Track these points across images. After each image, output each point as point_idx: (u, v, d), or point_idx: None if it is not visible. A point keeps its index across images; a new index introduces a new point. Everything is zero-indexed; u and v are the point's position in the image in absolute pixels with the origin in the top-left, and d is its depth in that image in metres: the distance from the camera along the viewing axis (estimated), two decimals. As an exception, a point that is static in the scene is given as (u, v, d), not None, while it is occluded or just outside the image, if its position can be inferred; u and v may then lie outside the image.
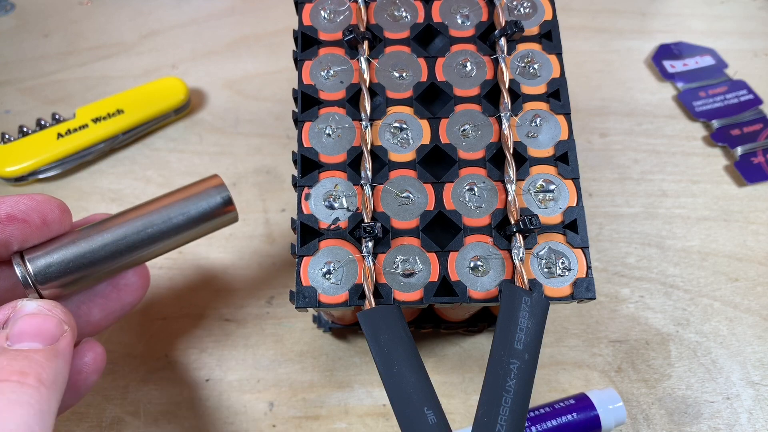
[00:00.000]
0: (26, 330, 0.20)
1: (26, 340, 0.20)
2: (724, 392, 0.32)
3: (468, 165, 0.25)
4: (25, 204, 0.22)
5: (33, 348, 0.20)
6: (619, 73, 0.44)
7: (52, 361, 0.20)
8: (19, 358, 0.19)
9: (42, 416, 0.18)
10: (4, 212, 0.22)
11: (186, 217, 0.24)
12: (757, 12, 0.48)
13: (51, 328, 0.21)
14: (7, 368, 0.19)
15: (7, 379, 0.19)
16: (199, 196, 0.25)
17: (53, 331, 0.21)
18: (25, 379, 0.19)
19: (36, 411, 0.18)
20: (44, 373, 0.19)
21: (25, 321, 0.21)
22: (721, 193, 0.39)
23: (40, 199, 0.23)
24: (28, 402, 0.18)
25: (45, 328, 0.21)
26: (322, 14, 0.27)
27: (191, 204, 0.25)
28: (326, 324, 0.33)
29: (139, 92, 0.41)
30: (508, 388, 0.21)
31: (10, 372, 0.19)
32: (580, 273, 0.24)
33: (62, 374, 0.20)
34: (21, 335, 0.20)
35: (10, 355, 0.19)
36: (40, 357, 0.20)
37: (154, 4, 0.48)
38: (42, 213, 0.22)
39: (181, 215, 0.24)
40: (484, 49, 0.27)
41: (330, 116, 0.25)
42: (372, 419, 0.31)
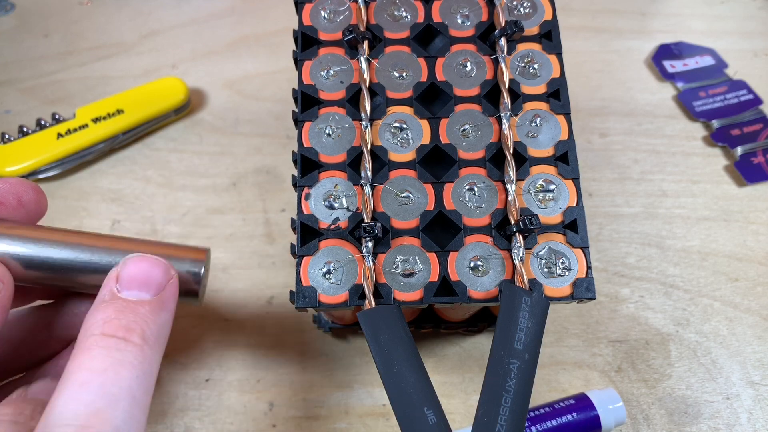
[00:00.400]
0: (135, 275, 0.20)
1: (135, 288, 0.20)
2: (724, 392, 0.32)
3: (468, 165, 0.25)
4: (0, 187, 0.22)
5: (141, 299, 0.20)
6: (619, 73, 0.44)
7: (157, 315, 0.20)
8: (127, 311, 0.19)
9: (144, 378, 0.19)
10: None
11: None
12: (757, 12, 0.48)
13: (159, 276, 0.21)
14: (114, 322, 0.19)
15: (114, 335, 0.19)
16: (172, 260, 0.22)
17: (160, 279, 0.21)
18: (131, 337, 0.19)
19: (138, 373, 0.18)
20: (149, 329, 0.19)
21: (135, 264, 0.21)
22: (721, 193, 0.39)
23: (13, 181, 0.23)
24: (131, 363, 0.18)
25: (154, 275, 0.21)
26: (322, 14, 0.27)
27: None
28: (326, 324, 0.33)
29: (139, 92, 0.41)
30: (508, 388, 0.21)
31: (117, 327, 0.19)
32: (580, 273, 0.24)
33: (166, 328, 0.21)
34: (131, 281, 0.20)
35: (118, 306, 0.20)
36: (146, 311, 0.20)
37: (154, 4, 0.48)
38: (17, 194, 0.22)
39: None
40: (484, 49, 0.27)
41: (330, 116, 0.25)
42: (372, 419, 0.31)
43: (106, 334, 0.19)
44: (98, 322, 0.19)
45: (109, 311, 0.19)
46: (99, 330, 0.19)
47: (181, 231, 0.37)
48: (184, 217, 0.37)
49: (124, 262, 0.21)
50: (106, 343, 0.19)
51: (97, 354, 0.18)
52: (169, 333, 0.21)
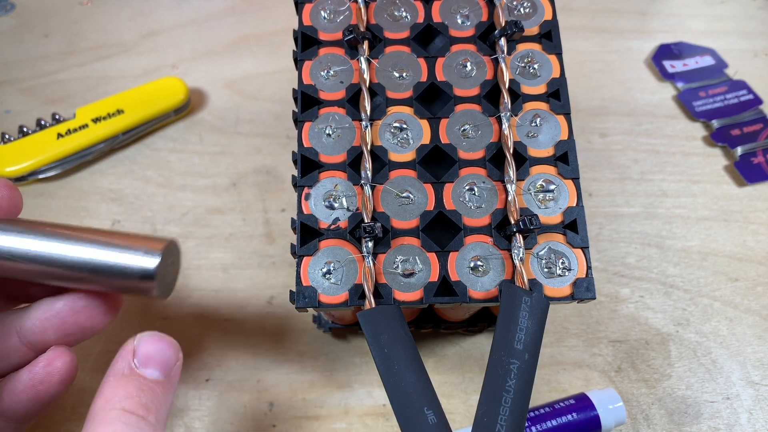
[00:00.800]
0: (152, 355, 0.21)
1: (152, 366, 0.21)
2: (724, 392, 0.32)
3: (468, 165, 0.25)
4: None
5: (156, 379, 0.21)
6: (619, 73, 0.44)
7: (168, 395, 0.21)
8: (146, 390, 0.20)
9: None
10: None
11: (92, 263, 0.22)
12: (757, 12, 0.48)
13: (171, 358, 0.22)
14: (135, 399, 0.20)
15: (135, 412, 0.20)
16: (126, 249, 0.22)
17: (172, 360, 0.22)
18: (148, 416, 0.20)
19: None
20: (161, 410, 0.21)
21: (151, 343, 0.21)
22: (721, 193, 0.39)
23: None
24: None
25: (166, 357, 0.22)
26: (322, 14, 0.27)
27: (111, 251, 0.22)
28: (326, 324, 0.33)
29: (139, 92, 0.41)
30: (508, 388, 0.21)
31: (138, 404, 0.20)
32: (580, 273, 0.24)
33: (170, 407, 0.22)
34: (148, 360, 0.21)
35: (138, 384, 0.21)
36: (160, 391, 0.21)
37: (154, 4, 0.48)
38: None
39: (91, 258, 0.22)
40: (484, 49, 0.27)
41: (330, 116, 0.25)
42: (372, 419, 0.31)
43: (127, 410, 0.20)
44: (119, 397, 0.20)
45: (130, 388, 0.20)
46: (120, 405, 0.20)
47: (181, 231, 0.37)
48: (184, 217, 0.37)
49: (140, 338, 0.22)
50: (128, 420, 0.19)
51: (120, 428, 0.19)
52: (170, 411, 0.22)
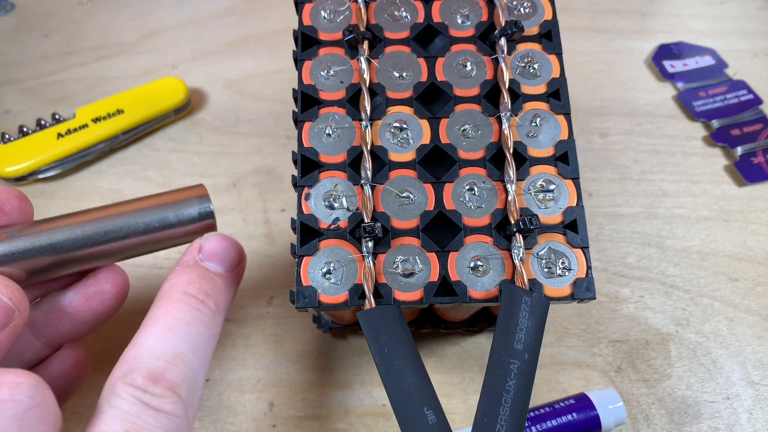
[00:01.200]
0: (216, 251, 0.23)
1: (215, 261, 0.23)
2: (724, 392, 0.32)
3: (468, 165, 0.25)
4: None
5: (218, 271, 0.23)
6: (619, 73, 0.44)
7: (228, 288, 0.23)
8: (207, 279, 0.22)
9: (213, 339, 0.21)
10: None
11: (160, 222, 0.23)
12: (757, 12, 0.48)
13: (234, 256, 0.23)
14: (196, 285, 0.22)
15: (196, 296, 0.21)
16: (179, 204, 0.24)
17: (235, 259, 0.23)
18: (208, 301, 0.22)
19: (211, 333, 0.21)
20: (221, 299, 0.22)
21: (216, 241, 0.23)
22: (721, 193, 0.39)
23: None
24: (207, 323, 0.21)
25: (229, 255, 0.23)
26: (322, 14, 0.27)
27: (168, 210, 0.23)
28: (326, 324, 0.33)
29: (139, 92, 0.41)
30: (508, 388, 0.21)
31: (198, 290, 0.22)
32: (580, 273, 0.24)
33: (231, 302, 0.23)
34: (212, 254, 0.23)
35: (200, 273, 0.22)
36: (221, 282, 0.23)
37: (154, 4, 0.48)
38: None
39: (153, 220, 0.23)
40: (484, 49, 0.27)
41: (330, 116, 0.25)
42: (372, 419, 0.31)
43: (189, 293, 0.21)
44: (182, 282, 0.22)
45: (192, 275, 0.22)
46: (183, 289, 0.21)
47: (181, 231, 0.37)
48: (184, 217, 0.37)
49: (207, 237, 0.23)
50: (189, 301, 0.21)
51: (182, 307, 0.21)
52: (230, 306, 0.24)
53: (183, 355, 0.20)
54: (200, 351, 0.21)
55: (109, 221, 0.23)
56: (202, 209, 0.24)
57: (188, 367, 0.20)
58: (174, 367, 0.19)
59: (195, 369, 0.20)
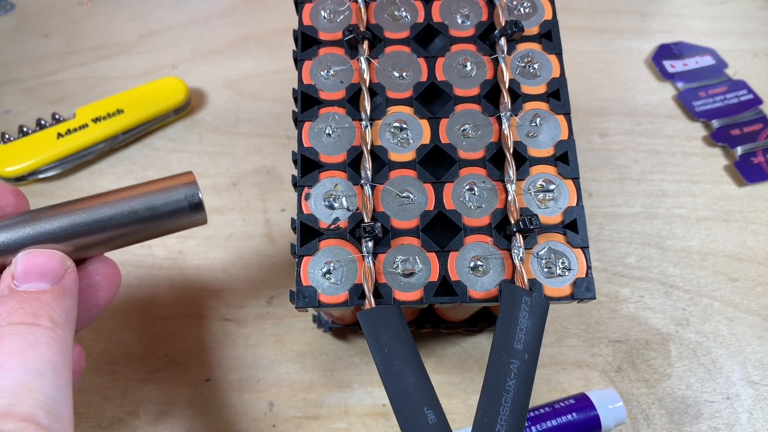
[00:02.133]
0: (31, 269, 0.20)
1: (33, 281, 0.20)
2: (724, 392, 0.32)
3: (468, 165, 0.25)
4: None
5: (41, 289, 0.20)
6: (619, 73, 0.44)
7: (61, 300, 0.20)
8: (30, 300, 0.20)
9: (63, 355, 0.19)
10: None
11: (148, 210, 0.23)
12: (757, 12, 0.48)
13: (55, 265, 0.21)
14: (19, 311, 0.19)
15: (22, 322, 0.19)
16: (166, 191, 0.23)
17: (57, 269, 0.21)
18: (40, 321, 0.19)
19: (56, 350, 0.19)
20: (55, 313, 0.20)
21: (28, 259, 0.20)
22: (721, 193, 0.39)
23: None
24: (47, 342, 0.19)
25: (50, 266, 0.21)
26: (322, 14, 0.27)
27: (154, 198, 0.23)
28: (326, 324, 0.33)
29: (139, 92, 0.41)
30: (508, 388, 0.21)
31: (24, 315, 0.19)
32: (580, 273, 0.24)
33: (72, 312, 0.21)
34: (27, 275, 0.20)
35: (20, 298, 0.20)
36: (49, 298, 0.20)
37: (154, 4, 0.48)
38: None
39: (140, 208, 0.23)
40: (484, 49, 0.27)
41: (330, 116, 0.25)
42: (372, 419, 0.31)
43: (13, 323, 0.19)
44: (2, 315, 0.19)
45: (11, 303, 0.19)
46: (5, 321, 0.19)
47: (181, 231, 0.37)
48: (184, 217, 0.37)
49: (15, 260, 0.21)
50: (17, 330, 0.19)
51: (10, 341, 0.18)
52: (76, 318, 0.21)
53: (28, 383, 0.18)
54: (49, 372, 0.18)
55: (94, 210, 0.22)
56: (189, 196, 0.23)
57: (40, 393, 0.18)
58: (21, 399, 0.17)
59: (49, 391, 0.18)
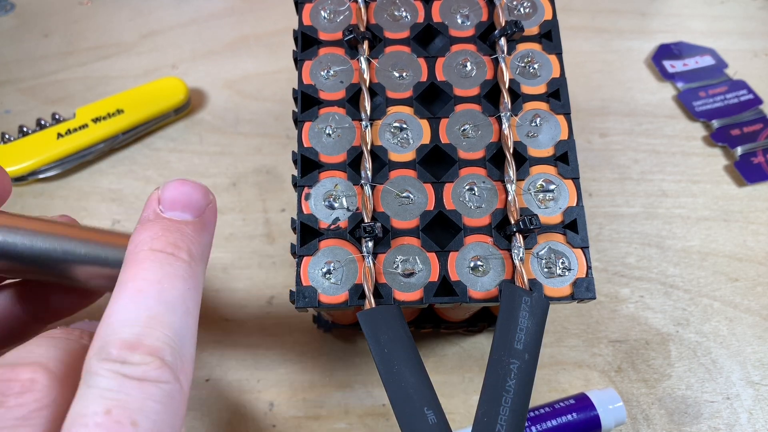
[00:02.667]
0: (177, 198, 0.21)
1: (178, 209, 0.21)
2: (724, 392, 0.32)
3: (468, 165, 0.25)
4: None
5: (184, 219, 0.20)
6: (619, 73, 0.44)
7: (200, 234, 0.20)
8: (172, 230, 0.20)
9: (194, 291, 0.19)
10: None
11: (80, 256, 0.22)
12: (757, 12, 0.48)
13: (199, 198, 0.21)
14: (162, 239, 0.19)
15: (163, 250, 0.19)
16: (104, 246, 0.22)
17: (201, 202, 0.21)
18: (179, 253, 0.19)
19: (190, 286, 0.19)
20: (194, 247, 0.20)
21: (176, 187, 0.21)
22: (721, 193, 0.39)
23: None
24: (182, 276, 0.19)
25: (194, 198, 0.21)
26: (322, 14, 0.27)
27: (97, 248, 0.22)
28: (326, 324, 0.33)
29: (139, 92, 0.41)
30: (508, 388, 0.21)
31: (166, 243, 0.19)
32: (580, 273, 0.24)
33: (208, 248, 0.21)
34: (173, 203, 0.21)
35: (164, 225, 0.20)
36: (190, 230, 0.20)
37: (154, 4, 0.48)
38: None
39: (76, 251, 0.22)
40: (484, 49, 0.27)
41: (330, 116, 0.25)
42: (372, 419, 0.31)
43: (155, 249, 0.19)
44: (146, 239, 0.19)
45: (155, 229, 0.20)
46: (148, 246, 0.19)
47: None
48: (184, 217, 0.37)
49: (164, 185, 0.21)
50: (157, 257, 0.19)
51: (150, 266, 0.19)
52: (210, 254, 0.21)
53: (160, 315, 0.18)
54: (180, 307, 0.19)
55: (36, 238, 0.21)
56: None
57: (169, 328, 0.18)
58: (151, 331, 0.17)
59: (178, 328, 0.18)
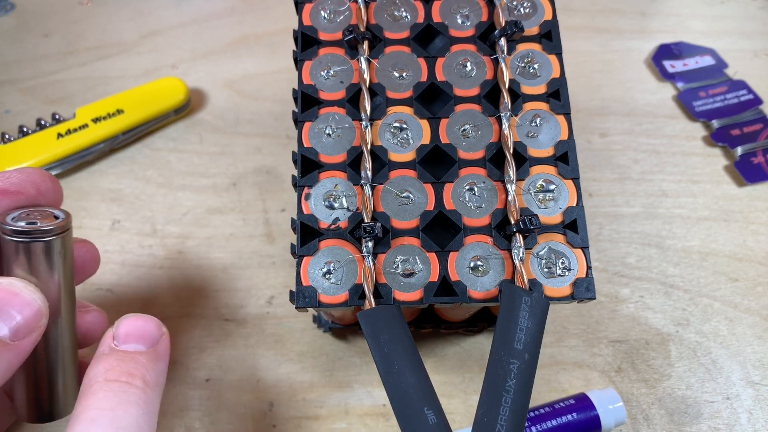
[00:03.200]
0: (131, 331, 0.22)
1: (131, 342, 0.22)
2: (724, 392, 0.32)
3: (468, 165, 0.25)
4: (17, 177, 0.23)
5: (138, 350, 0.22)
6: (619, 73, 0.44)
7: (154, 363, 0.22)
8: (127, 360, 0.21)
9: (149, 416, 0.20)
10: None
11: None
12: (757, 12, 0.48)
13: (153, 331, 0.22)
14: (116, 369, 0.21)
15: (117, 380, 0.20)
16: None
17: (154, 333, 0.22)
18: (133, 381, 0.20)
19: (144, 411, 0.20)
20: (148, 375, 0.21)
21: (130, 322, 0.22)
22: (721, 193, 0.39)
23: (29, 171, 0.23)
24: (136, 402, 0.20)
25: (148, 331, 0.22)
26: (322, 14, 0.27)
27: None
28: (326, 324, 0.33)
29: (139, 92, 0.41)
30: (508, 388, 0.21)
31: (120, 373, 0.20)
32: (580, 273, 0.24)
33: (162, 376, 0.22)
34: (127, 336, 0.22)
35: (118, 356, 0.21)
36: (144, 359, 0.21)
37: (154, 4, 0.48)
38: (35, 183, 0.23)
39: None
40: (484, 49, 0.27)
41: (330, 116, 0.25)
42: (372, 419, 0.31)
43: (110, 379, 0.20)
44: (100, 371, 0.21)
45: (110, 360, 0.21)
46: (102, 377, 0.20)
47: (181, 231, 0.37)
48: (184, 217, 0.37)
49: (118, 322, 0.22)
50: (111, 387, 0.20)
51: (103, 396, 0.20)
52: (165, 381, 0.22)
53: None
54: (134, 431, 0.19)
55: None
56: None
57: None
58: None
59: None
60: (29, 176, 0.23)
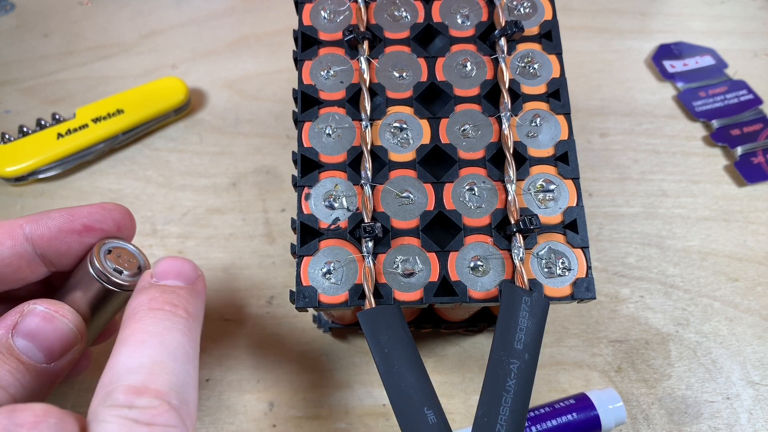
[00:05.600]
0: (169, 269, 0.22)
1: (170, 278, 0.22)
2: (724, 392, 0.32)
3: (468, 165, 0.25)
4: (100, 214, 0.24)
5: (177, 285, 0.22)
6: (619, 73, 0.44)
7: (194, 298, 0.22)
8: (168, 292, 0.22)
9: (193, 343, 0.21)
10: (80, 223, 0.23)
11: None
12: (757, 12, 0.48)
13: (189, 270, 0.23)
14: (159, 299, 0.21)
15: (161, 308, 0.21)
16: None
17: (191, 273, 0.23)
18: (176, 310, 0.21)
19: (188, 338, 0.21)
20: (190, 307, 0.22)
21: (167, 262, 0.23)
22: (721, 193, 0.39)
23: (110, 207, 0.24)
24: (182, 330, 0.20)
25: (185, 270, 0.23)
26: (322, 14, 0.27)
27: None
28: (326, 324, 0.33)
29: (139, 92, 0.41)
30: (508, 388, 0.21)
31: (163, 302, 0.21)
32: (580, 273, 0.24)
33: (201, 312, 0.23)
34: (165, 273, 0.22)
35: (160, 289, 0.22)
36: (185, 293, 0.22)
37: (154, 4, 0.48)
38: (116, 220, 0.24)
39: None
40: (484, 49, 0.27)
41: (330, 116, 0.25)
42: (372, 419, 0.31)
43: (154, 308, 0.21)
44: (143, 301, 0.21)
45: (152, 292, 0.21)
46: (146, 306, 0.21)
47: (181, 231, 0.37)
48: (184, 217, 0.37)
49: (155, 263, 0.23)
50: (156, 315, 0.20)
51: (150, 321, 0.20)
52: (203, 319, 0.23)
53: (163, 362, 0.19)
54: (182, 356, 0.19)
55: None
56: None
57: (172, 374, 0.19)
58: (156, 376, 0.18)
59: (180, 374, 0.19)
60: (110, 213, 0.24)
